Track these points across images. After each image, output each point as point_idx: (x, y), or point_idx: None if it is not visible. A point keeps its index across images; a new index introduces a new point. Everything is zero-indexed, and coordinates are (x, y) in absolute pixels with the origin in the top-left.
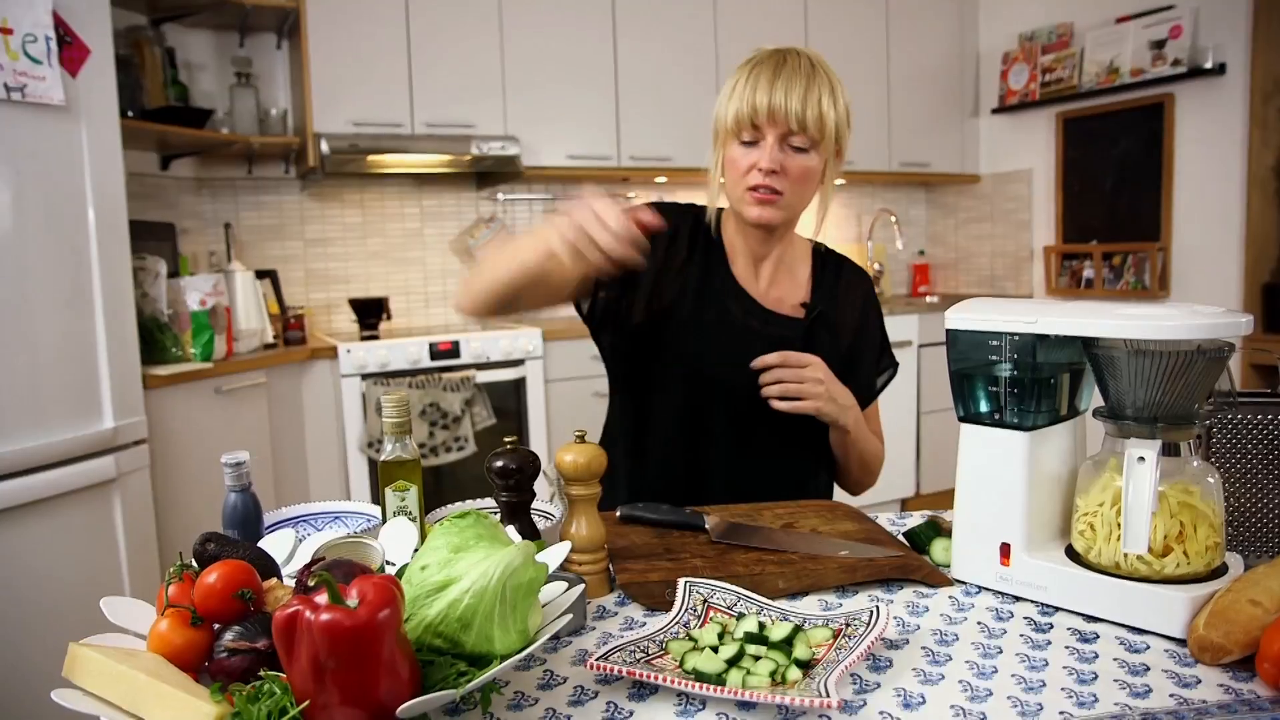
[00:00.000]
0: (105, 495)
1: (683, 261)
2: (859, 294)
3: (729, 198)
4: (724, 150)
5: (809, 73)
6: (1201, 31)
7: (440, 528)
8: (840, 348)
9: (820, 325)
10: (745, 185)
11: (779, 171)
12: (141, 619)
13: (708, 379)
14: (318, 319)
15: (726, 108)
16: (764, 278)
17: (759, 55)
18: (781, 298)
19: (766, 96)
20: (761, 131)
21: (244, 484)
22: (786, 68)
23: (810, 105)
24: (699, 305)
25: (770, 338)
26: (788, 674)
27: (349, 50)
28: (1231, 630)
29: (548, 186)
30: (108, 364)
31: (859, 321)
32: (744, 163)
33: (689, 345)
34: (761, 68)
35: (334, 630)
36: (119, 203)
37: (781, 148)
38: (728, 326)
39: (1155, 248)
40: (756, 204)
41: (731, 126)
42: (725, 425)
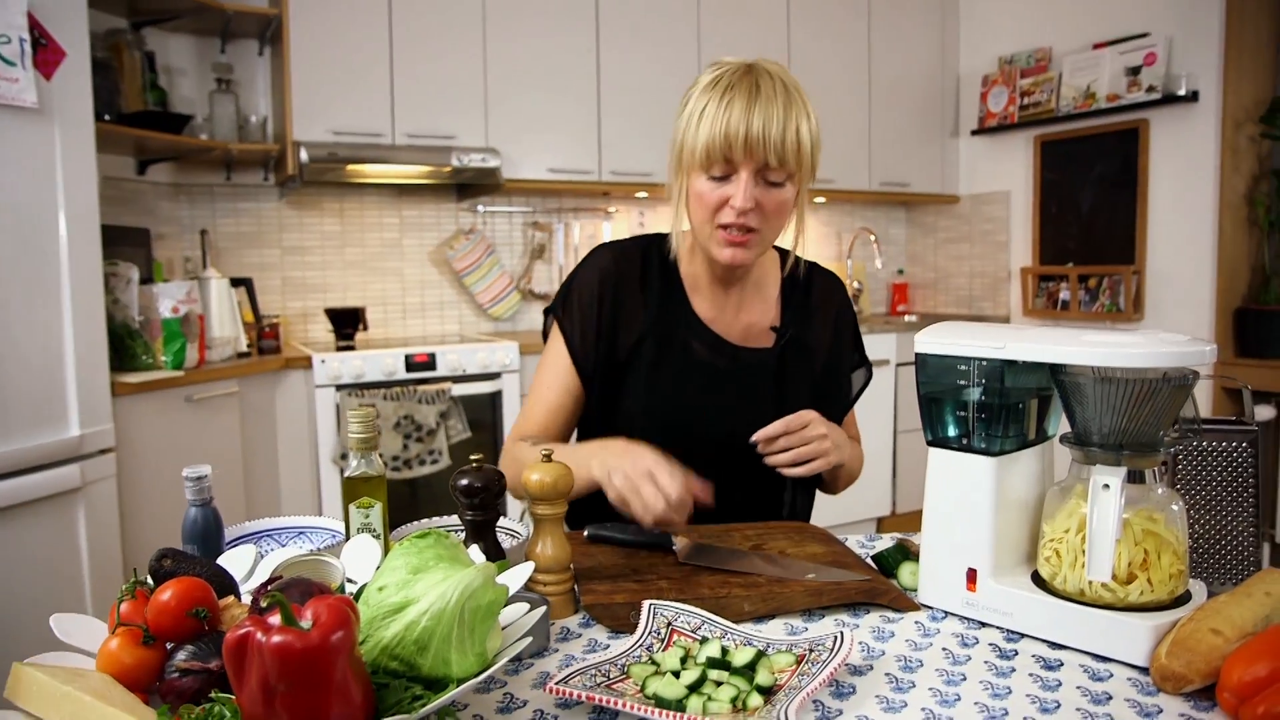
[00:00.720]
0: (69, 505)
1: (639, 305)
2: (832, 304)
3: (695, 233)
4: (688, 180)
5: (785, 98)
6: (1175, 59)
7: (399, 548)
8: (815, 367)
9: (792, 351)
10: (716, 223)
11: (755, 208)
12: (93, 637)
13: (677, 428)
14: (294, 328)
15: (694, 135)
16: (731, 306)
17: (726, 75)
18: (752, 323)
19: (743, 127)
20: (735, 165)
21: (205, 498)
22: (762, 94)
23: (789, 135)
24: (660, 350)
25: (740, 376)
26: (749, 700)
27: (331, 58)
28: (1193, 659)
29: (528, 199)
30: (75, 370)
31: (833, 335)
32: (713, 199)
33: (653, 396)
34: (734, 92)
35: (285, 652)
36: (91, 207)
37: (756, 182)
38: (694, 370)
39: (1130, 271)
40: (728, 245)
41: (701, 159)
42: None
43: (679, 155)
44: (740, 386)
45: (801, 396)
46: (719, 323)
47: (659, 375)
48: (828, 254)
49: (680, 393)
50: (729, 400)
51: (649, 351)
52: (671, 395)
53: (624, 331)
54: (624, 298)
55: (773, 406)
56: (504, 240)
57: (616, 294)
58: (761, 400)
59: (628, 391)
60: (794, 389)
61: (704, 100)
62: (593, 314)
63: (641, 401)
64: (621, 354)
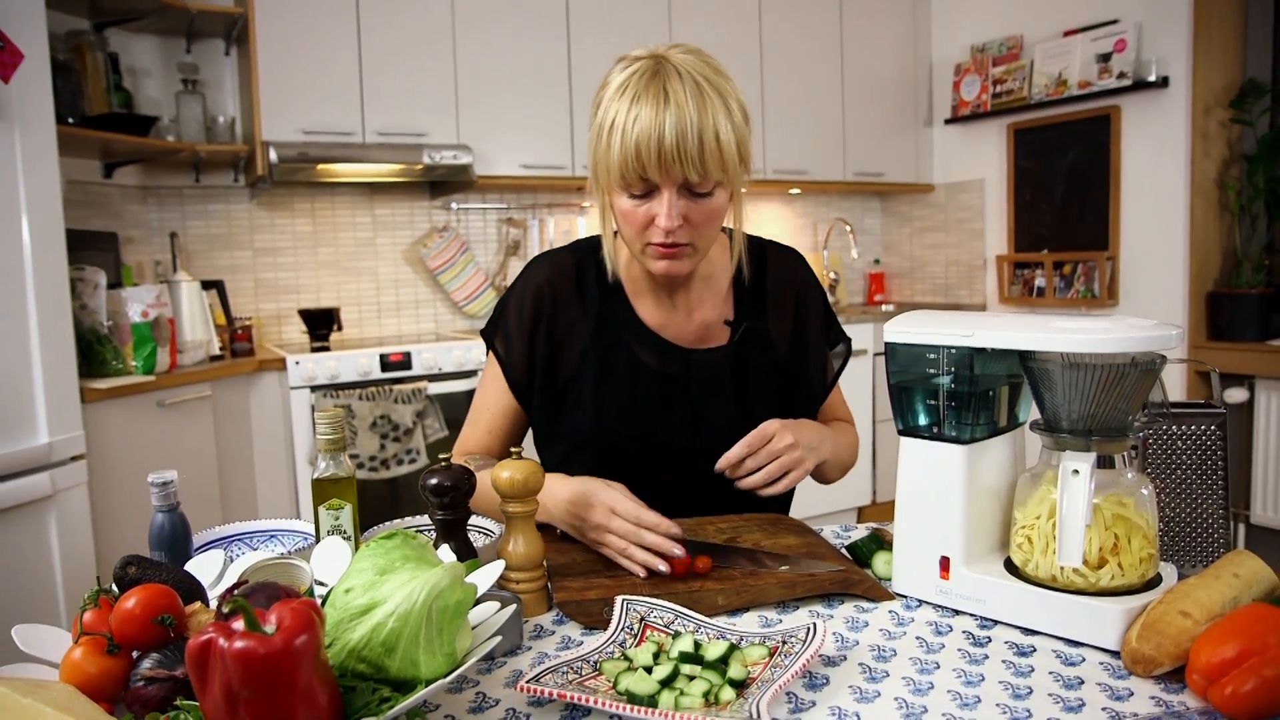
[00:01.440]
0: (40, 513)
1: (577, 318)
2: (791, 285)
3: (627, 245)
4: (610, 197)
5: (698, 99)
6: (1145, 45)
7: (366, 549)
8: (777, 355)
9: (749, 343)
10: (645, 241)
11: (683, 224)
12: (56, 647)
13: (632, 442)
14: (267, 330)
15: (606, 154)
16: (680, 307)
17: (632, 78)
18: (706, 321)
19: (655, 144)
20: (654, 184)
21: (172, 504)
22: (671, 102)
23: (708, 145)
24: (605, 363)
25: (695, 381)
26: (721, 694)
27: (299, 57)
28: (1162, 642)
29: (502, 196)
30: (43, 377)
31: (795, 318)
32: (639, 217)
33: (602, 411)
34: (641, 101)
35: (247, 658)
36: (55, 211)
37: (681, 195)
38: (644, 380)
39: (1104, 257)
40: (661, 258)
41: (617, 180)
42: (662, 483)
43: (595, 170)
44: (696, 392)
45: (764, 391)
46: (669, 327)
47: (606, 389)
48: (803, 244)
49: (632, 406)
50: (686, 408)
51: (593, 365)
52: (623, 409)
53: (565, 348)
54: (561, 313)
55: (734, 407)
56: (478, 237)
57: (554, 310)
58: (721, 403)
59: (576, 408)
60: (756, 384)
61: (612, 112)
62: (527, 336)
63: (590, 418)
64: (565, 370)
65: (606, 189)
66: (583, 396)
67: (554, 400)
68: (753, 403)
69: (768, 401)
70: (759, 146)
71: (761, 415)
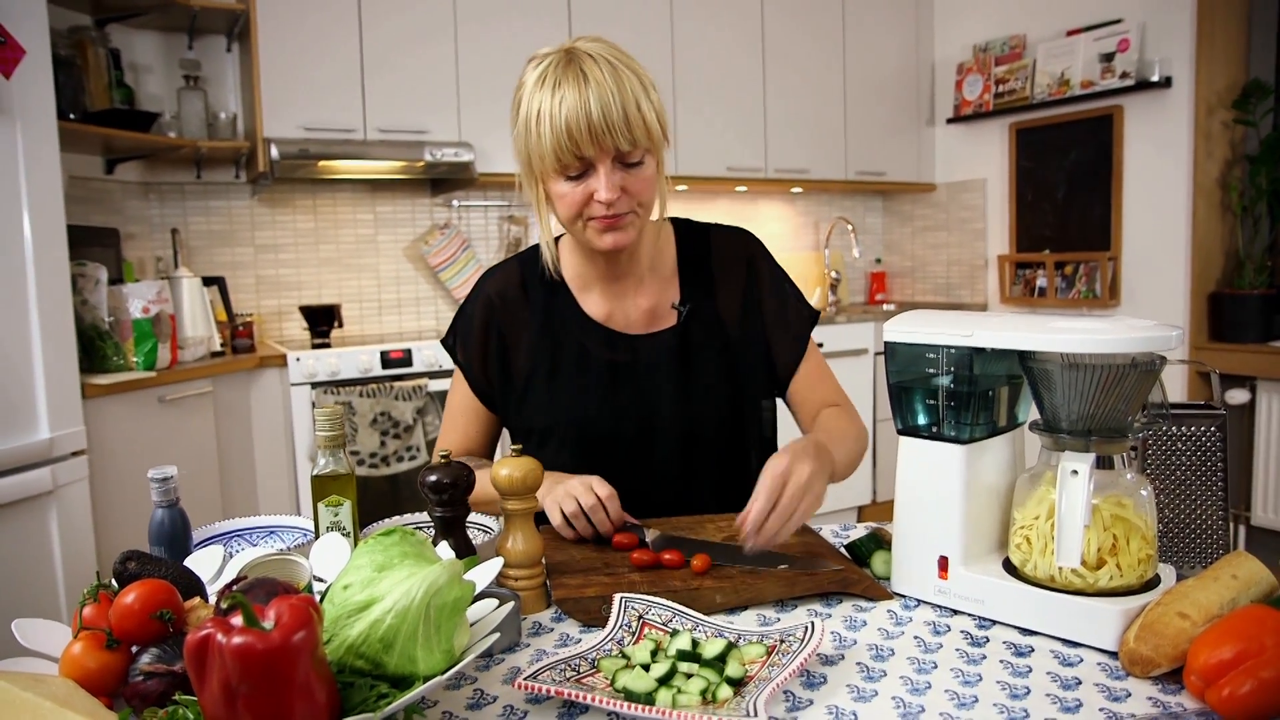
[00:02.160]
0: (41, 509)
1: (524, 324)
2: (737, 262)
3: (569, 232)
4: (545, 185)
5: (614, 76)
6: (1148, 45)
7: (365, 545)
8: (727, 335)
9: (696, 324)
10: (587, 217)
11: (622, 194)
12: (56, 642)
13: (590, 433)
14: (268, 326)
15: (538, 141)
16: (628, 296)
17: (549, 70)
18: (653, 307)
19: (584, 120)
20: (589, 161)
21: (171, 499)
22: (591, 81)
23: (633, 113)
24: (555, 361)
25: (642, 366)
26: (718, 692)
27: (300, 54)
28: (1160, 643)
29: (503, 193)
30: (44, 372)
31: (744, 294)
32: (578, 196)
33: (557, 408)
34: (563, 86)
35: (245, 654)
36: (56, 207)
37: (615, 169)
38: (594, 372)
39: (1106, 257)
40: (605, 231)
41: (552, 164)
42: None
43: (528, 164)
44: (645, 377)
45: (709, 371)
46: (616, 317)
47: (559, 386)
48: (804, 243)
49: (583, 396)
50: (636, 394)
51: (544, 365)
52: (575, 400)
53: (516, 353)
54: (509, 321)
55: (679, 389)
56: (479, 235)
57: (502, 320)
58: (664, 385)
59: (534, 403)
60: (703, 365)
61: (536, 103)
62: (480, 345)
63: (546, 411)
64: (520, 375)
65: (541, 178)
66: (538, 392)
67: (515, 399)
68: (701, 383)
69: (716, 382)
70: (760, 145)
71: (709, 395)
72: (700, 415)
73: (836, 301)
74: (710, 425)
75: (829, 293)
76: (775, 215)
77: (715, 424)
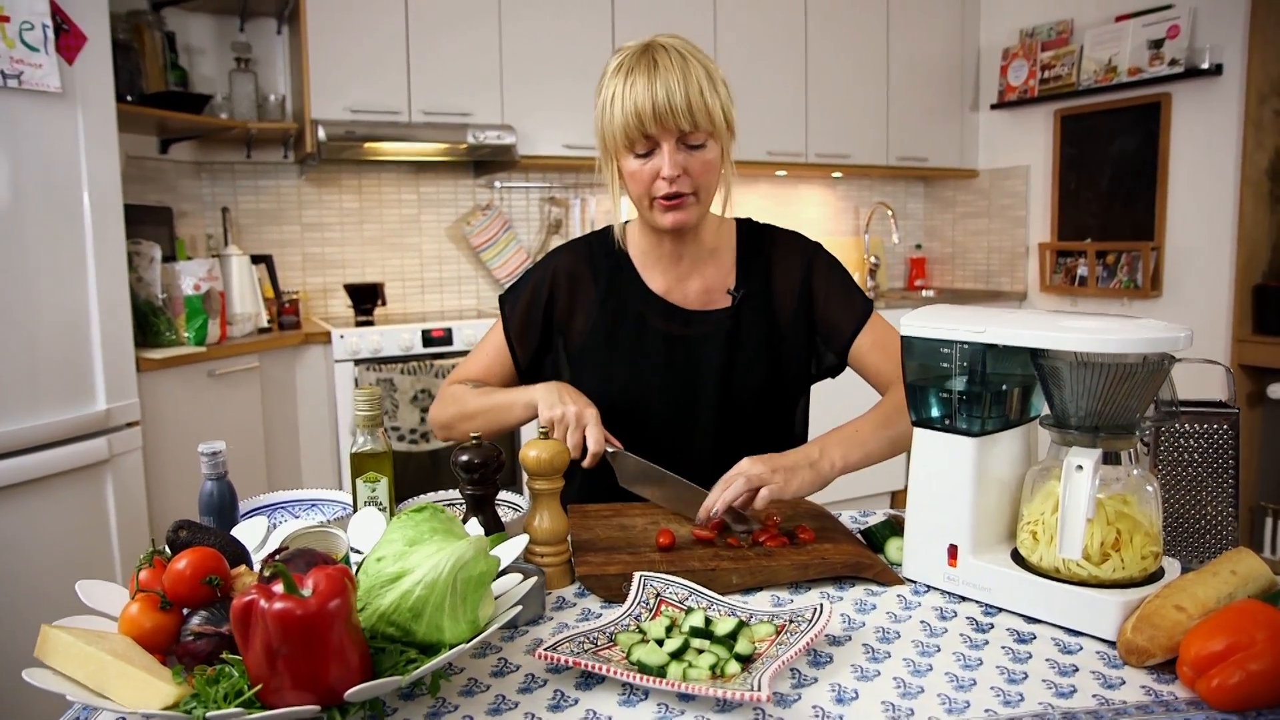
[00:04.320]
0: (97, 476)
1: (590, 295)
2: (797, 255)
3: (637, 208)
4: (619, 163)
5: (683, 66)
6: (1199, 32)
7: (397, 521)
8: (777, 322)
9: (748, 308)
10: (651, 196)
11: (683, 174)
12: (115, 602)
13: (638, 399)
14: (314, 304)
15: (611, 122)
16: (685, 275)
17: (626, 58)
18: (708, 289)
19: (650, 102)
20: (655, 140)
21: (220, 472)
22: (660, 68)
23: (695, 99)
24: (615, 328)
25: (694, 339)
26: (726, 668)
27: (347, 37)
28: (1156, 634)
29: (544, 175)
30: (101, 347)
31: (801, 284)
32: (645, 174)
33: (611, 371)
34: (635, 73)
35: (285, 618)
36: (114, 188)
37: (678, 149)
38: (650, 340)
39: (1149, 247)
40: (668, 210)
41: (623, 141)
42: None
43: (603, 143)
44: (692, 350)
45: (754, 352)
46: (674, 293)
47: (615, 351)
48: (844, 228)
49: (639, 364)
50: (683, 364)
51: (602, 330)
52: (631, 367)
53: (578, 319)
54: (576, 291)
55: (725, 364)
56: (520, 216)
57: (569, 289)
58: (712, 358)
59: (590, 371)
60: (748, 345)
61: (611, 88)
62: (537, 312)
63: (600, 376)
64: (577, 339)
65: (615, 154)
66: (597, 353)
67: (571, 363)
68: (745, 362)
69: (759, 363)
70: (801, 129)
71: (751, 373)
72: (740, 391)
73: (875, 287)
74: (750, 402)
75: (868, 278)
76: (815, 200)
77: (755, 401)
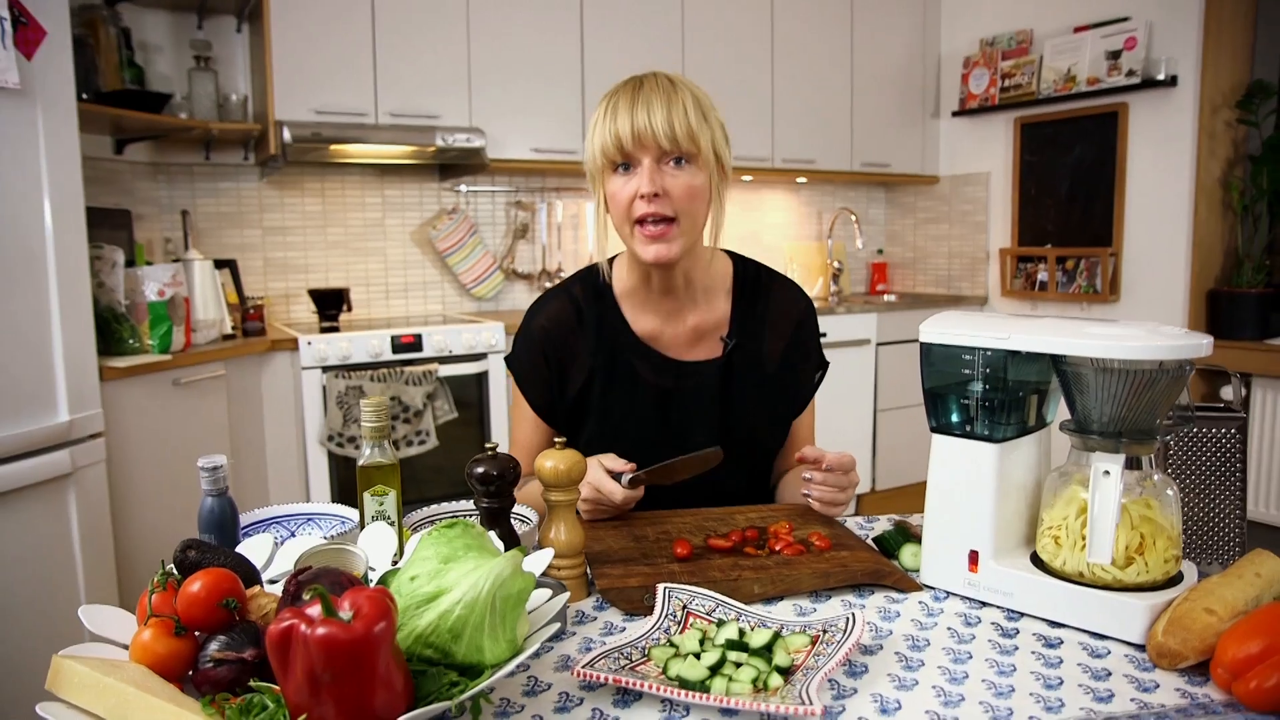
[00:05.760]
0: (60, 491)
1: (582, 348)
2: (790, 316)
3: (621, 239)
4: (603, 188)
5: (668, 89)
6: (1155, 44)
7: (429, 538)
8: (765, 373)
9: (739, 355)
10: (632, 219)
11: (662, 194)
12: (119, 627)
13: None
14: (276, 309)
15: (593, 142)
16: (674, 314)
17: (618, 87)
18: (699, 329)
19: (629, 118)
20: (634, 156)
21: (221, 488)
22: (644, 90)
23: (676, 117)
24: (608, 382)
25: (686, 393)
26: (769, 680)
27: (312, 36)
28: (1188, 637)
29: (511, 179)
30: (63, 355)
31: (789, 342)
32: (625, 194)
33: (606, 427)
34: (619, 95)
35: (330, 644)
36: (75, 189)
37: (659, 168)
38: (641, 394)
39: (1107, 253)
40: (650, 241)
41: (601, 160)
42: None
43: (590, 171)
44: (685, 404)
45: (747, 407)
46: (662, 337)
47: (609, 406)
48: (808, 233)
49: (632, 417)
50: (676, 419)
51: (599, 385)
52: (625, 419)
53: (572, 377)
54: (564, 347)
55: (718, 418)
56: (486, 220)
57: (558, 346)
58: (705, 411)
59: (588, 418)
60: (741, 399)
61: (599, 113)
62: (540, 371)
63: (598, 427)
64: (573, 395)
65: (600, 175)
66: (592, 416)
67: (570, 415)
68: (737, 416)
69: (750, 416)
70: (768, 135)
71: (743, 429)
72: (736, 432)
73: (838, 291)
74: (743, 447)
75: (830, 283)
76: (779, 205)
77: (747, 447)
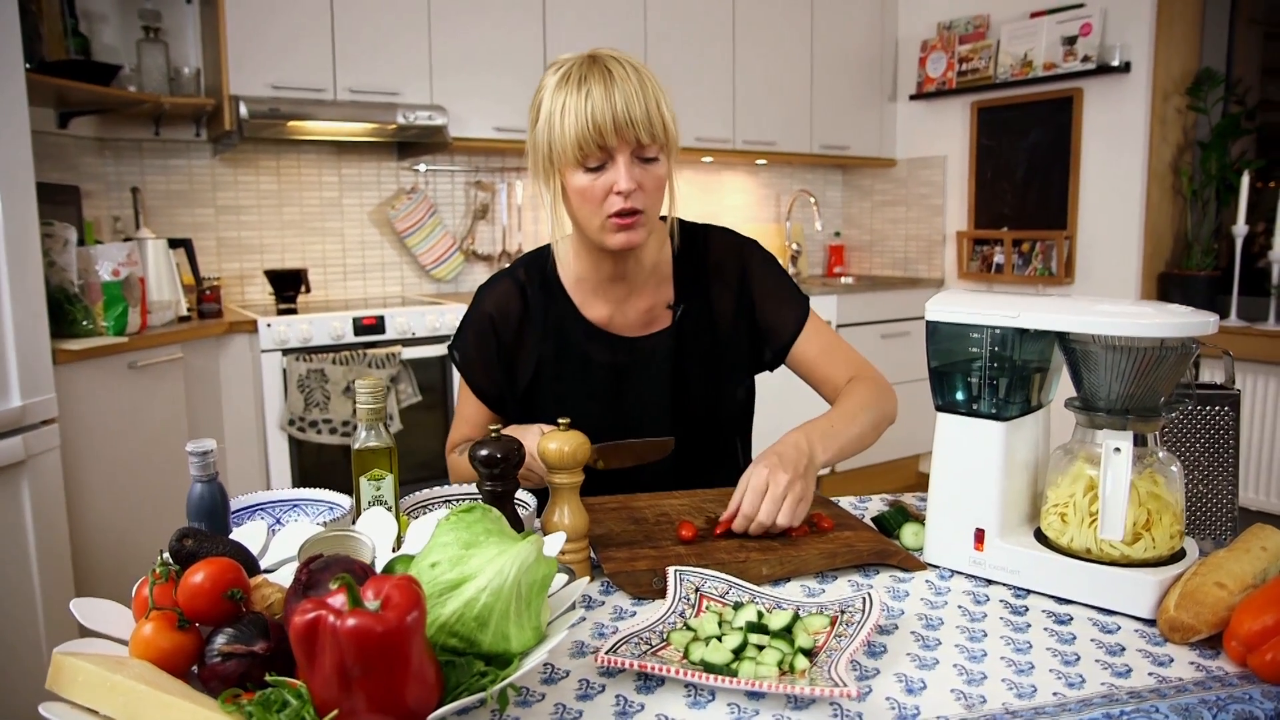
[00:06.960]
0: (13, 478)
1: (529, 333)
2: (732, 265)
3: (584, 228)
4: (563, 180)
5: (638, 77)
6: (1110, 30)
7: (447, 523)
8: (720, 332)
9: (689, 321)
10: (605, 213)
11: (638, 189)
12: (117, 622)
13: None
14: (230, 290)
15: (562, 133)
16: (625, 297)
17: (574, 69)
18: (651, 307)
19: (609, 111)
20: (610, 152)
21: (210, 474)
22: (616, 78)
23: (653, 110)
24: (560, 367)
25: (639, 367)
26: (795, 662)
27: (267, 9)
28: (1200, 611)
29: (470, 158)
30: (14, 338)
31: (738, 285)
32: (598, 190)
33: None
34: (589, 82)
35: (363, 636)
36: (26, 163)
37: (633, 162)
38: (596, 376)
39: (1062, 236)
40: (620, 230)
41: (575, 154)
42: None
43: (547, 159)
44: (638, 377)
45: (699, 367)
46: (616, 320)
47: (563, 391)
48: (766, 215)
49: (588, 400)
50: (632, 394)
51: (549, 370)
52: (580, 404)
53: (521, 363)
54: (511, 333)
55: (672, 387)
56: (445, 200)
57: (503, 333)
58: (659, 383)
59: (541, 408)
60: (692, 362)
61: (560, 98)
62: (491, 354)
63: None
64: (524, 381)
65: (561, 172)
66: (544, 395)
67: (521, 405)
68: (692, 379)
69: (702, 379)
70: (729, 117)
71: (699, 388)
72: (689, 407)
73: (797, 273)
74: (698, 414)
75: (790, 264)
76: (739, 187)
77: (703, 412)
